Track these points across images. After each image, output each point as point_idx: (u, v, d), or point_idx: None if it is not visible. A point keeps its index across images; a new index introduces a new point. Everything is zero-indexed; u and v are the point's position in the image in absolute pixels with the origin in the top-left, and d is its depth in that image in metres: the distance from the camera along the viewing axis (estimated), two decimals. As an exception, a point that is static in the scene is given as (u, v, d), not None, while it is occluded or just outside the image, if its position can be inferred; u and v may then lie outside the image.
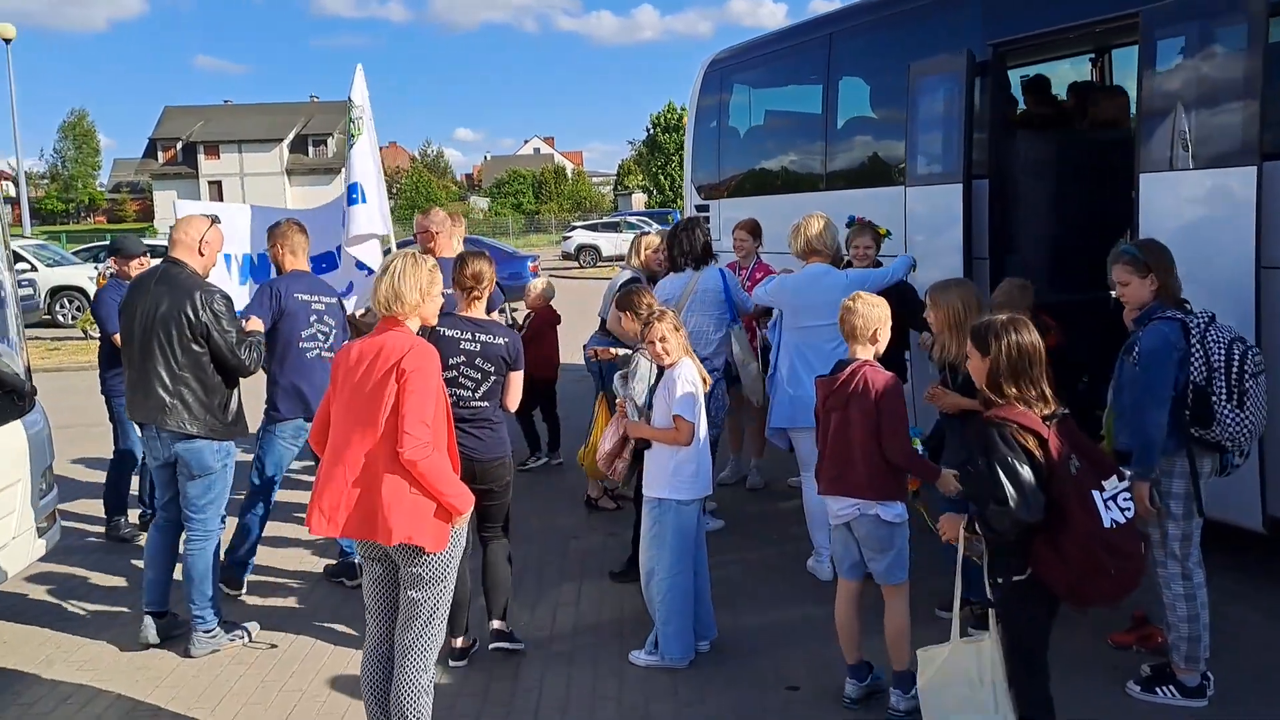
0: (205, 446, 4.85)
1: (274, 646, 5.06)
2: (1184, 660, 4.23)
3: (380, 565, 3.75)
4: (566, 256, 36.81)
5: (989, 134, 6.73)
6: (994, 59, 6.68)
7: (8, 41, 25.04)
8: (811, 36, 8.66)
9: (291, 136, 69.17)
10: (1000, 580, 3.49)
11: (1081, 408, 4.42)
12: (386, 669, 3.76)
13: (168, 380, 4.78)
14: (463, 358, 4.62)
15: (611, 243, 35.05)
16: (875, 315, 4.15)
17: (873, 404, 4.02)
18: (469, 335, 4.65)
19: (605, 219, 44.23)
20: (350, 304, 6.58)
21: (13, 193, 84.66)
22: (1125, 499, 3.40)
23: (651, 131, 65.25)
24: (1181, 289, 4.31)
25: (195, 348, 4.80)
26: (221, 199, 67.04)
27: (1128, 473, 3.56)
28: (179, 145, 69.88)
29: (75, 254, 23.83)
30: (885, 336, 4.22)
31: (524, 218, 68.65)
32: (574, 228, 40.80)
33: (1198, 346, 4.08)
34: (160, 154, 70.96)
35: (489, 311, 4.94)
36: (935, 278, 7.05)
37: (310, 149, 69.47)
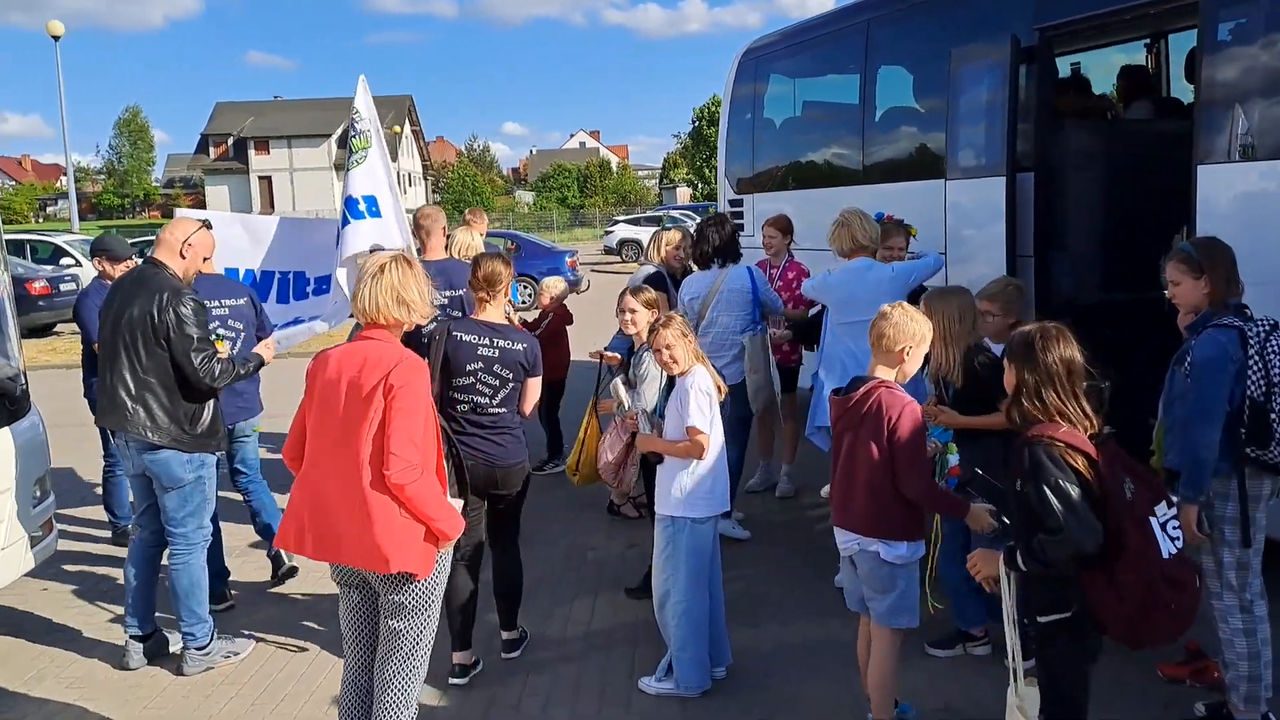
0: (172, 457, 4.61)
1: (304, 649, 4.94)
2: (1243, 701, 3.85)
3: (358, 592, 3.49)
4: (608, 251, 36.56)
5: (1035, 124, 6.31)
6: (1041, 45, 6.26)
7: (57, 39, 25.28)
8: (848, 23, 8.27)
9: (339, 132, 69.38)
10: (1039, 619, 3.16)
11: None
12: (366, 703, 3.50)
13: (132, 386, 4.54)
14: (480, 364, 4.46)
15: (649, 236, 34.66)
16: (910, 330, 3.70)
17: (885, 431, 3.63)
18: (486, 340, 4.49)
19: (648, 213, 43.89)
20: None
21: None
22: (1175, 526, 3.07)
23: (696, 124, 64.86)
24: (1242, 293, 3.89)
25: (160, 351, 4.54)
26: (272, 194, 67.89)
27: (1173, 498, 3.19)
28: (230, 141, 70.61)
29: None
30: (916, 360, 3.80)
31: (569, 212, 68.60)
32: (616, 222, 40.48)
33: (1256, 358, 3.68)
34: (212, 149, 71.77)
35: None
36: (977, 275, 6.68)
37: (358, 144, 69.88)
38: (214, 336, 4.96)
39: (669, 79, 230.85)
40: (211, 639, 4.79)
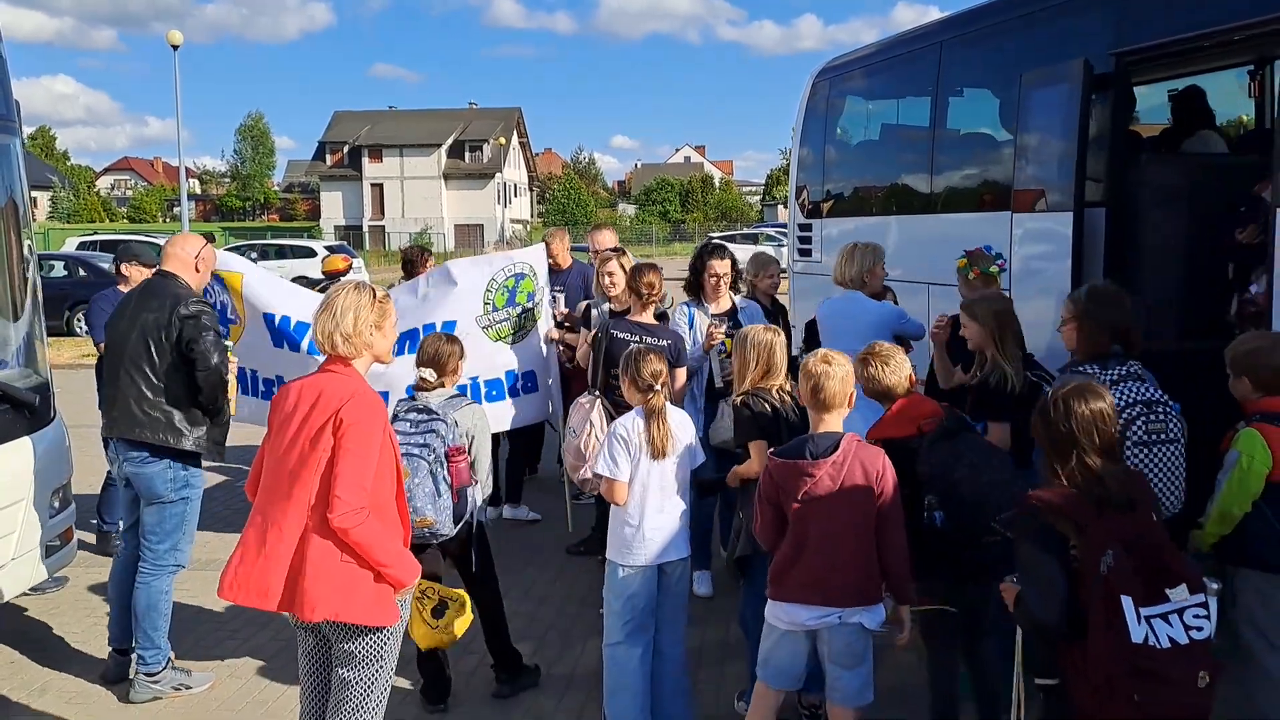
0: (157, 474, 4.60)
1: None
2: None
3: (312, 637, 3.35)
4: (703, 267, 36.29)
5: (1108, 157, 5.88)
6: (1117, 71, 5.82)
7: (176, 48, 26.34)
8: (921, 45, 7.90)
9: (450, 142, 70.96)
10: (1036, 679, 3.12)
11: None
12: (317, 753, 3.35)
13: (147, 391, 4.59)
14: None
15: (747, 255, 34.24)
16: (850, 375, 3.52)
17: (875, 490, 3.37)
18: (637, 337, 5.25)
19: (744, 231, 43.51)
20: None
21: (198, 189, 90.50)
22: (1196, 615, 2.75)
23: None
24: (1125, 342, 3.98)
25: (172, 357, 4.59)
26: (382, 201, 69.58)
27: (1213, 585, 2.82)
28: (346, 148, 72.58)
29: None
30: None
31: (669, 226, 68.64)
32: (711, 238, 40.24)
33: None
34: (329, 156, 73.92)
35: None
36: (1042, 316, 6.29)
37: (467, 154, 71.07)
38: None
39: (781, 95, 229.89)
40: (164, 667, 4.68)
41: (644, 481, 4.07)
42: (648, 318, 5.49)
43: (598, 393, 5.41)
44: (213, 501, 7.70)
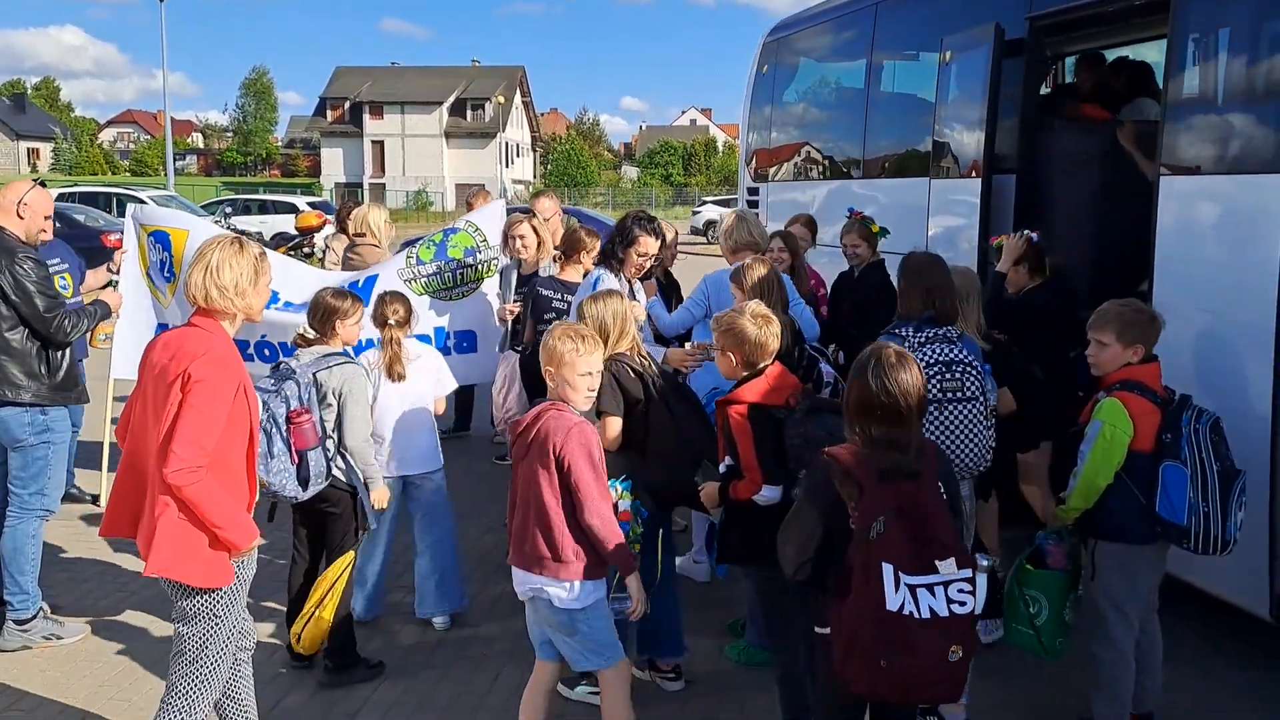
0: (12, 417, 4.56)
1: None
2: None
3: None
4: (695, 231, 36.15)
5: (1019, 123, 5.82)
6: (1031, 36, 5.74)
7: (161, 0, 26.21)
8: (858, 7, 7.80)
9: (452, 100, 70.33)
10: (817, 629, 3.05)
11: None
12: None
13: None
14: (554, 314, 5.34)
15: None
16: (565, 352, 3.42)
17: (553, 458, 3.31)
18: (559, 295, 5.44)
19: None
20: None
21: (201, 144, 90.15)
22: (961, 590, 2.72)
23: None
24: (944, 309, 4.07)
25: (5, 311, 4.54)
26: (383, 159, 69.14)
27: (984, 562, 2.80)
28: (346, 104, 71.92)
29: (204, 206, 24.76)
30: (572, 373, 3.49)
31: (672, 189, 68.23)
32: (704, 202, 40.08)
33: None
34: (329, 112, 73.25)
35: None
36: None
37: (469, 113, 70.50)
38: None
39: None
40: (35, 615, 4.70)
41: (385, 403, 4.68)
42: (573, 276, 5.54)
43: (519, 349, 5.68)
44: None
